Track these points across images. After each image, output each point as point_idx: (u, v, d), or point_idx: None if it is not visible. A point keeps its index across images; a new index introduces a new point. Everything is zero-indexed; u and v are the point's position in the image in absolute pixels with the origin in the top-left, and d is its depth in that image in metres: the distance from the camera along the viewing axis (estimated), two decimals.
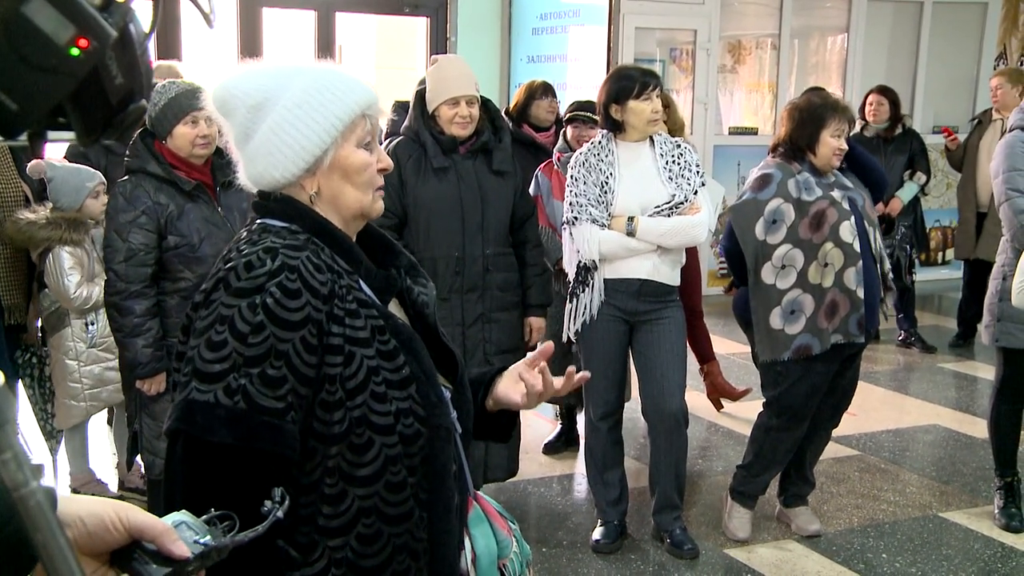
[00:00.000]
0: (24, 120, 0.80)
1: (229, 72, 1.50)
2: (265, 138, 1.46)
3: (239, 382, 1.34)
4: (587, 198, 3.56)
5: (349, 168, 1.48)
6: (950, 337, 7.01)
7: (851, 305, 3.57)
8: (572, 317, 3.67)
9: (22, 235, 3.80)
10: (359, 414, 1.40)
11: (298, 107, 1.44)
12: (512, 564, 1.65)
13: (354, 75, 1.51)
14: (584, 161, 3.60)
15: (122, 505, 1.02)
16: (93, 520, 0.98)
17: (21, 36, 0.77)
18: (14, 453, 0.77)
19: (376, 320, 1.45)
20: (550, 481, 4.52)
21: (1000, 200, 3.91)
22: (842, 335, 3.59)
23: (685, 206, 3.55)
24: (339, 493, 1.41)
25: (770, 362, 3.69)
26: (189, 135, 3.21)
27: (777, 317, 3.63)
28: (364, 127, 1.49)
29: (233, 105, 1.47)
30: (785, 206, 3.60)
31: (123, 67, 0.84)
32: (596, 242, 3.54)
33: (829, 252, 3.56)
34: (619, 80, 3.57)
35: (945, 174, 8.34)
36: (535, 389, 1.63)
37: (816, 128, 3.59)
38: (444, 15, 7.88)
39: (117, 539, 1.00)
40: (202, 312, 1.40)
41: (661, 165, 3.59)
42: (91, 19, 0.79)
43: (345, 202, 1.50)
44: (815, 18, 9.09)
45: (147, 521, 1.01)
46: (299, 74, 1.47)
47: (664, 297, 3.65)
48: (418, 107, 3.68)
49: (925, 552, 3.85)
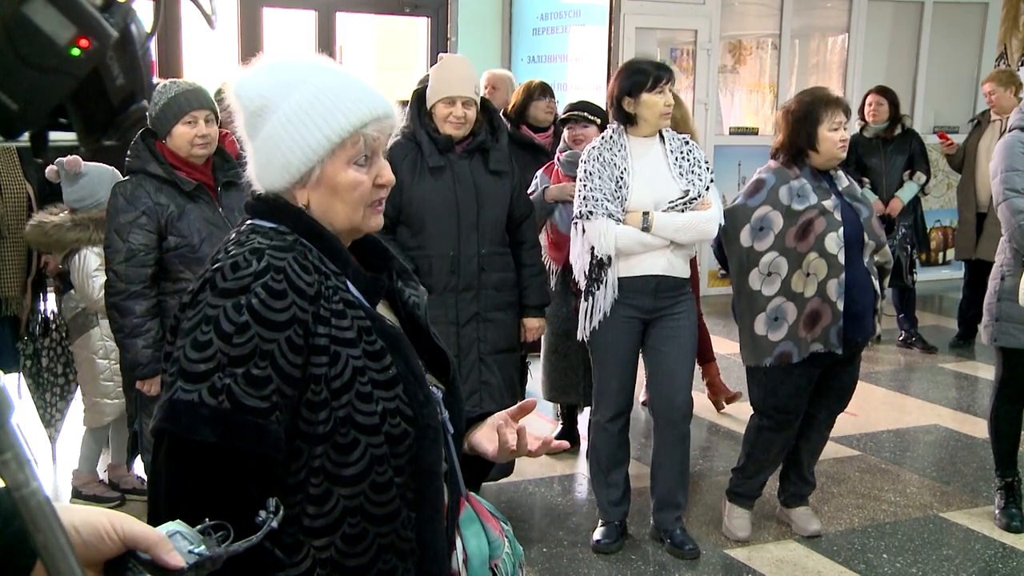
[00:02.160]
0: (25, 120, 0.80)
1: (243, 70, 1.50)
2: (260, 146, 1.47)
3: (224, 382, 1.34)
4: (603, 192, 3.54)
5: (337, 186, 1.47)
6: (951, 337, 7.01)
7: (832, 316, 3.59)
8: (588, 316, 3.66)
9: (48, 238, 3.80)
10: (344, 414, 1.40)
11: (290, 122, 1.44)
12: (504, 565, 1.64)
13: (362, 86, 1.48)
14: (599, 156, 3.59)
15: (117, 515, 1.02)
16: (88, 529, 0.98)
17: (22, 36, 0.77)
18: (14, 453, 0.77)
19: (363, 321, 1.45)
20: (550, 481, 4.52)
21: (998, 200, 3.91)
22: (822, 344, 3.61)
23: (698, 202, 3.56)
24: (324, 493, 1.41)
25: (753, 367, 3.73)
26: (188, 135, 3.22)
27: (761, 323, 3.65)
28: (357, 145, 1.46)
29: (238, 106, 1.49)
30: (773, 214, 3.61)
31: (124, 68, 0.84)
32: (613, 237, 3.53)
33: (813, 262, 3.58)
34: (633, 73, 3.57)
35: (946, 174, 8.34)
36: (508, 446, 1.62)
37: (812, 125, 3.59)
38: (444, 15, 7.88)
39: (111, 548, 1.00)
40: (189, 312, 1.40)
41: (672, 161, 3.59)
42: (92, 19, 0.79)
43: (335, 217, 1.50)
44: (816, 18, 9.09)
45: (142, 531, 1.01)
46: (302, 83, 1.45)
47: (678, 291, 3.65)
48: (415, 107, 3.68)
49: (926, 552, 3.85)
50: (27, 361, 4.21)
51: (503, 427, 1.63)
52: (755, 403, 3.83)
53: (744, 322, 3.72)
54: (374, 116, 1.47)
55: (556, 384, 4.54)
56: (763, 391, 3.76)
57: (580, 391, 4.50)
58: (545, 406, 5.14)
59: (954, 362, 6.63)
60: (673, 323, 3.64)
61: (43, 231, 3.78)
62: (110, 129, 0.85)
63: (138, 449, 3.46)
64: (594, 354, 3.75)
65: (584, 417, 5.03)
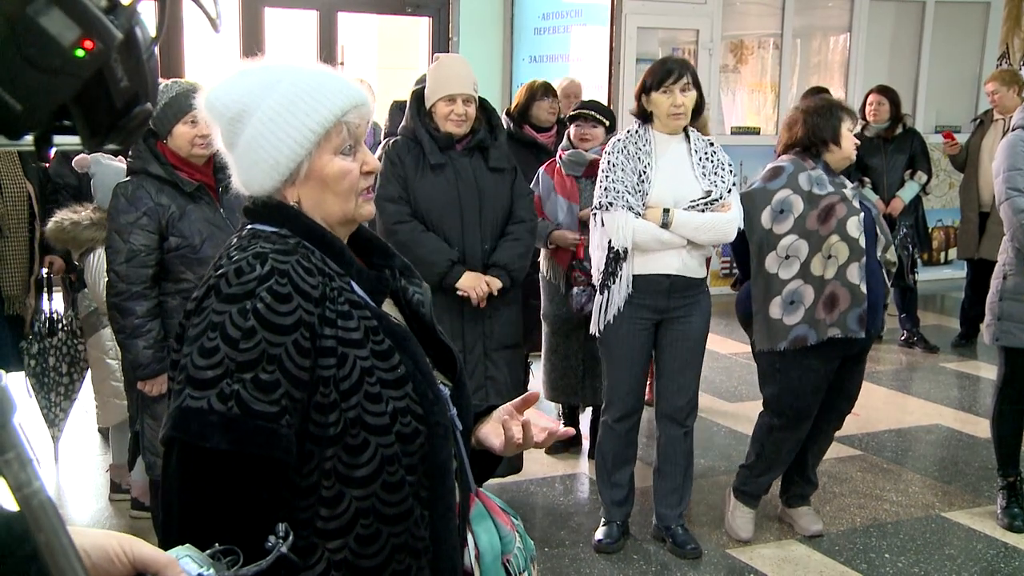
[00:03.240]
0: (28, 121, 0.80)
1: (215, 80, 1.50)
2: (244, 150, 1.47)
3: (232, 388, 1.34)
4: (624, 185, 3.52)
5: (327, 177, 1.48)
6: (953, 337, 7.01)
7: (852, 299, 3.56)
8: (603, 310, 3.64)
9: (65, 235, 3.80)
10: (353, 415, 1.40)
11: (271, 120, 1.44)
12: (516, 560, 1.65)
13: (335, 78, 1.48)
14: (623, 148, 3.57)
15: (127, 538, 1.03)
16: (98, 553, 0.99)
17: (26, 37, 0.77)
18: (16, 453, 0.77)
19: (369, 321, 1.45)
20: (553, 481, 4.52)
21: (1001, 199, 3.92)
22: (840, 329, 3.57)
23: (718, 204, 3.55)
24: (336, 495, 1.41)
25: (767, 352, 3.69)
26: (188, 135, 3.22)
27: (777, 307, 3.64)
28: (341, 134, 1.47)
29: (215, 115, 1.48)
30: (794, 197, 3.61)
31: (128, 70, 0.84)
32: (630, 230, 3.51)
33: (834, 245, 3.57)
34: (651, 71, 3.59)
35: (947, 174, 8.34)
36: (514, 440, 1.62)
37: (838, 121, 3.64)
38: (446, 15, 7.88)
39: (121, 572, 1.01)
40: (194, 319, 1.40)
41: (695, 160, 3.59)
42: (96, 21, 0.79)
43: (328, 210, 1.50)
44: (817, 18, 9.08)
45: (151, 554, 1.02)
46: (277, 83, 1.45)
47: (692, 291, 3.64)
48: (415, 106, 3.72)
49: (928, 552, 3.85)
50: (31, 360, 4.21)
51: (508, 421, 1.63)
52: (768, 401, 3.80)
53: (759, 306, 3.69)
54: (353, 104, 1.48)
55: (556, 384, 4.54)
56: (778, 388, 3.73)
57: (580, 391, 4.50)
58: (547, 407, 5.15)
59: (956, 362, 6.62)
60: (684, 324, 3.64)
61: (61, 228, 3.79)
62: (114, 131, 0.85)
63: (139, 449, 3.46)
64: (605, 354, 3.75)
65: (585, 417, 5.05)
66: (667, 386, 3.71)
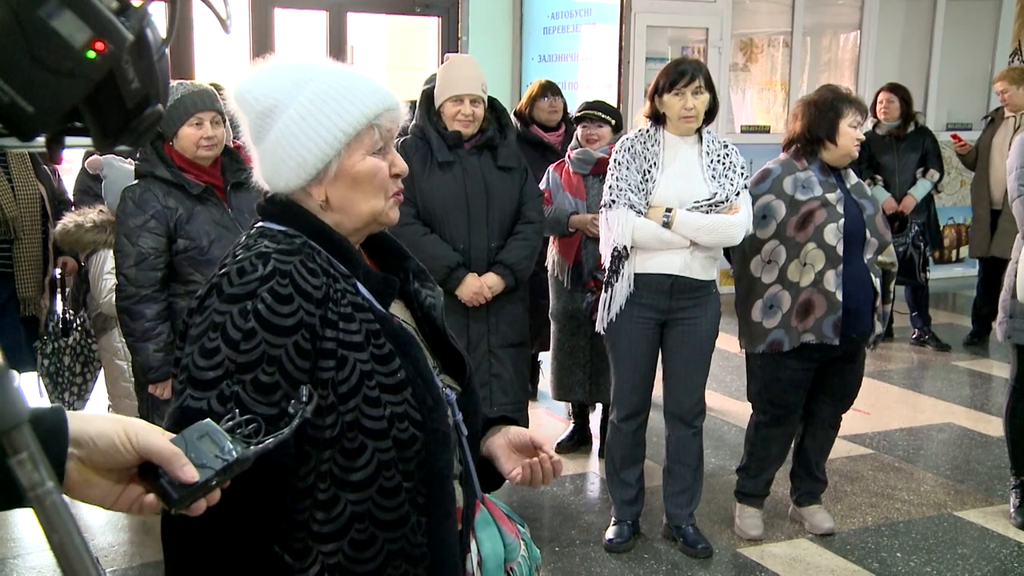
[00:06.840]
0: (40, 123, 0.81)
1: (247, 72, 1.49)
2: (272, 146, 1.45)
3: (232, 389, 1.34)
4: (628, 183, 3.53)
5: (357, 176, 1.46)
6: (964, 335, 6.98)
7: (828, 307, 3.58)
8: (607, 308, 3.65)
9: (70, 237, 3.82)
10: (351, 418, 1.39)
11: (303, 119, 1.43)
12: (520, 567, 1.63)
13: (369, 81, 1.47)
14: (630, 147, 3.58)
15: (133, 425, 1.03)
16: (104, 441, 1.01)
17: (37, 38, 0.77)
18: (30, 453, 0.77)
19: (371, 324, 1.44)
20: (563, 480, 4.52)
21: (1013, 196, 3.91)
22: (814, 335, 3.61)
23: (725, 206, 3.53)
24: (331, 498, 1.40)
25: (749, 354, 3.79)
26: (193, 136, 3.22)
27: (758, 310, 3.69)
28: (372, 136, 1.46)
29: (245, 108, 1.47)
30: (776, 203, 3.63)
31: (139, 71, 0.84)
32: (631, 228, 3.51)
33: (810, 252, 3.59)
34: (664, 72, 3.59)
35: (959, 172, 8.29)
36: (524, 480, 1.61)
37: (835, 117, 3.61)
38: (455, 14, 7.88)
39: (128, 459, 1.02)
40: (196, 319, 1.40)
41: (706, 163, 3.58)
42: (108, 22, 0.79)
43: (357, 210, 1.49)
44: (827, 15, 9.05)
45: (156, 444, 1.03)
46: (310, 81, 1.44)
47: (698, 293, 3.62)
48: (424, 105, 3.76)
49: (940, 551, 3.84)
50: (44, 360, 4.23)
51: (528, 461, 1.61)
52: (752, 397, 3.88)
53: (743, 308, 3.76)
54: (386, 107, 1.47)
55: (562, 382, 4.55)
56: (758, 384, 3.81)
57: (585, 389, 4.50)
58: (557, 405, 5.15)
59: (968, 360, 6.60)
60: (689, 326, 3.63)
61: (66, 230, 3.81)
62: (125, 133, 0.86)
63: None
64: (610, 353, 3.75)
65: (595, 416, 5.04)
66: (674, 387, 3.71)
